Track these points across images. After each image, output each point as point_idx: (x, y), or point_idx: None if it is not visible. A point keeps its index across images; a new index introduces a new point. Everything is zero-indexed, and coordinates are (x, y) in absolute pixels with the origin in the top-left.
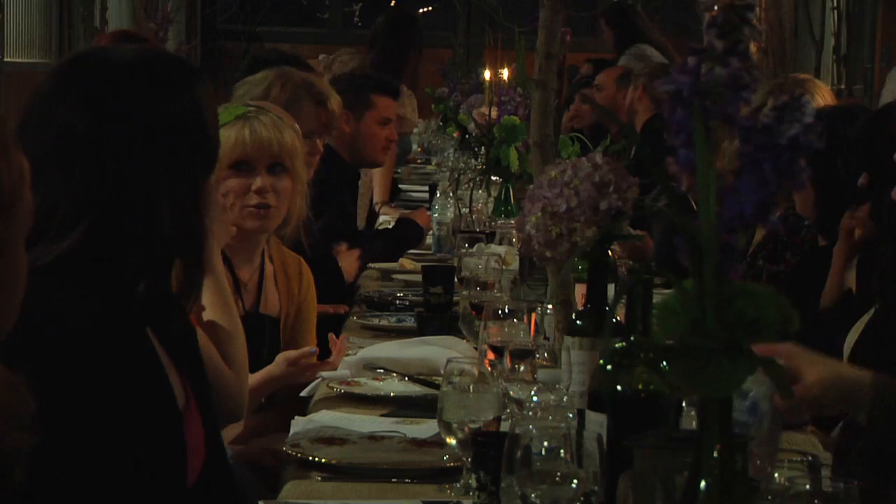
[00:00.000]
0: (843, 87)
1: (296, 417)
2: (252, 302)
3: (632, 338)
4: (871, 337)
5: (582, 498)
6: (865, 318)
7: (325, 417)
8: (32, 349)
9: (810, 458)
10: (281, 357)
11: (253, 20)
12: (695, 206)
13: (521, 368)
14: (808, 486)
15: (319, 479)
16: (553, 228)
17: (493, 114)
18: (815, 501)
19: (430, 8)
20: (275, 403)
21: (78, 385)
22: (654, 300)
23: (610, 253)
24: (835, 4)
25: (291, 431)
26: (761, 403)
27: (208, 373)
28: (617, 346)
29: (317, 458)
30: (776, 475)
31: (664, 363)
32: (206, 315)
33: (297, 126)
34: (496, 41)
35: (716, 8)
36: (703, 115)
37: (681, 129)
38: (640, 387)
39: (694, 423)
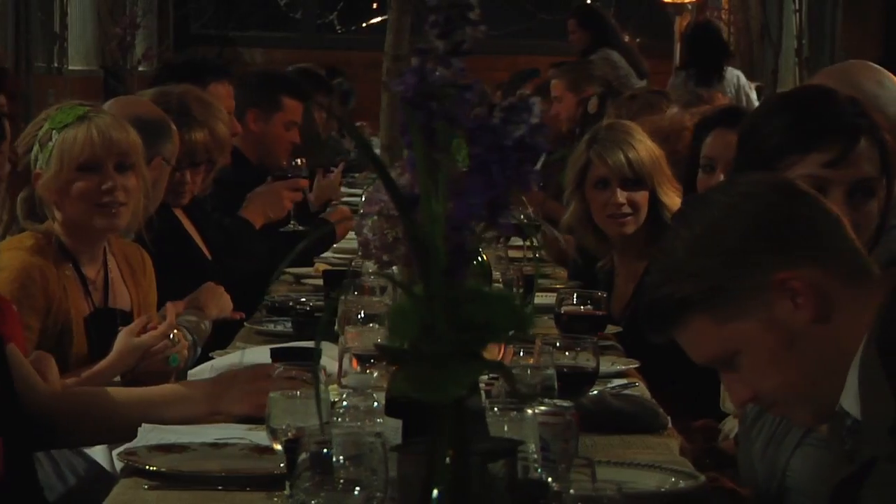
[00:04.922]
0: None
1: (143, 424)
2: (100, 298)
3: None
4: None
5: None
6: None
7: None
8: None
9: (585, 460)
10: (120, 335)
11: (226, 25)
12: None
13: (375, 374)
14: (572, 490)
15: (146, 487)
16: (389, 232)
17: None
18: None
19: None
20: None
21: None
22: None
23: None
24: (797, 7)
25: (136, 438)
26: None
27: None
28: None
29: (148, 467)
30: (549, 479)
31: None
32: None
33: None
34: None
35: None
36: (423, 116)
37: (406, 130)
38: None
39: None
